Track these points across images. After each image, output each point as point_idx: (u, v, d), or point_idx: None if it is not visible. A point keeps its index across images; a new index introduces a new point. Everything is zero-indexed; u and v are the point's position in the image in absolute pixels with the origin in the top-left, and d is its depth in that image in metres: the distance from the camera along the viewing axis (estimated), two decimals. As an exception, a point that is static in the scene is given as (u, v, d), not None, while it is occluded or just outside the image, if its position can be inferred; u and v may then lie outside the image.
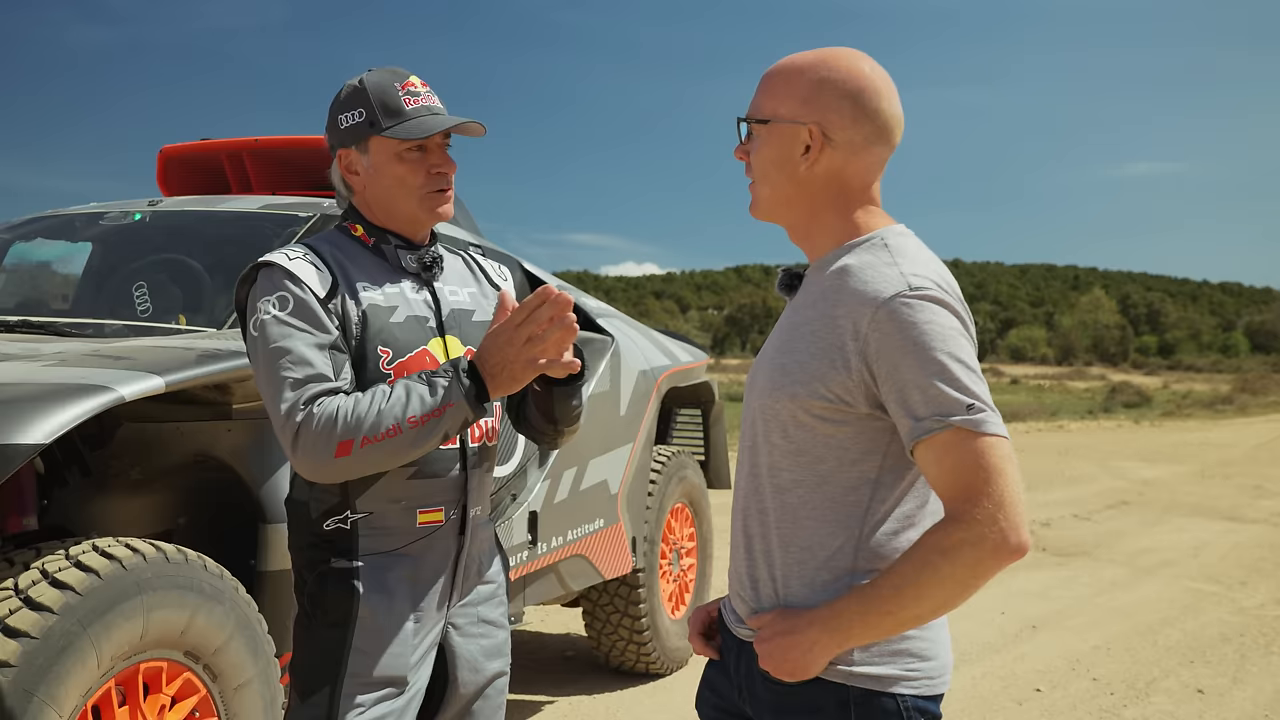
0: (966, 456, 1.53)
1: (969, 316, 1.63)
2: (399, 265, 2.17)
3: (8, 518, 2.86)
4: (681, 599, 5.67)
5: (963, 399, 1.53)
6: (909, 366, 1.55)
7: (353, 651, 2.06)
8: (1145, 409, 31.73)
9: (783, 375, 1.68)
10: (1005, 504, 1.52)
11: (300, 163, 4.71)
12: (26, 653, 2.37)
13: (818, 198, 1.72)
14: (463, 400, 1.95)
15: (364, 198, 2.18)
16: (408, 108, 2.11)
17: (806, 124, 1.68)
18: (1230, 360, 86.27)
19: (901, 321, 1.55)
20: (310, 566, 2.12)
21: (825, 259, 1.72)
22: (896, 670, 1.64)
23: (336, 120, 2.16)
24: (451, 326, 2.19)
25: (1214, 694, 5.28)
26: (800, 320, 1.69)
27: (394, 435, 1.92)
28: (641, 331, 5.50)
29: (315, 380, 1.95)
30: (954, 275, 1.70)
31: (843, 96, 1.67)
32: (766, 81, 1.75)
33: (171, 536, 3.21)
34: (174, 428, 3.17)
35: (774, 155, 1.72)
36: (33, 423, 2.42)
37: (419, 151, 2.12)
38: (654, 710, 4.93)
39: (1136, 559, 8.78)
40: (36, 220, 4.44)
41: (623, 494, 4.94)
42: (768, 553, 1.72)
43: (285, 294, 2.02)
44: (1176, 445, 20.16)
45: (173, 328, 3.53)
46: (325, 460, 1.92)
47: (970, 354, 1.58)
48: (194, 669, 2.78)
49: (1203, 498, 12.67)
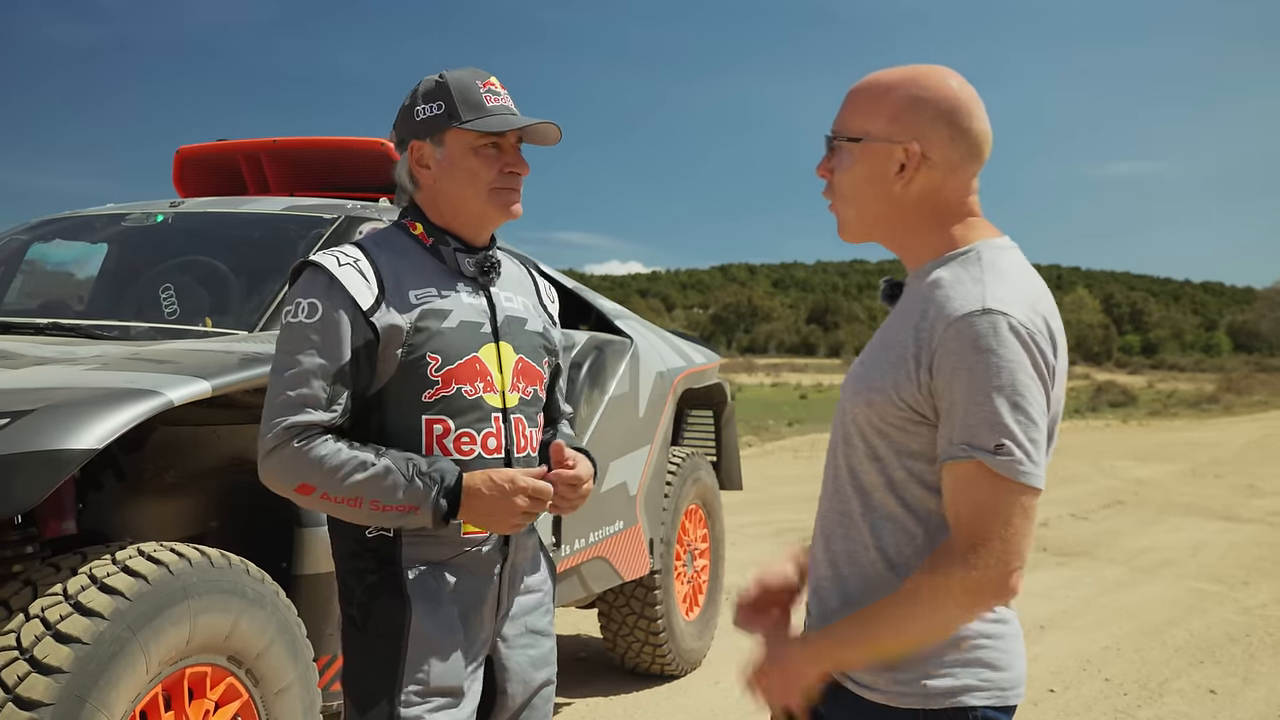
0: (984, 497, 1.54)
1: (1049, 346, 1.58)
2: (456, 269, 2.16)
3: (46, 522, 2.84)
4: (695, 600, 5.68)
5: (994, 436, 1.52)
6: (960, 388, 1.55)
7: (408, 662, 2.05)
8: (1132, 408, 31.86)
9: (864, 382, 1.68)
10: (1009, 554, 1.53)
11: (318, 164, 4.70)
12: (79, 658, 2.36)
13: (911, 216, 1.70)
14: (429, 513, 2.01)
15: (431, 193, 2.16)
16: (488, 104, 2.12)
17: (902, 143, 1.66)
18: (1213, 359, 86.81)
19: (966, 341, 1.54)
20: (356, 576, 2.11)
21: (922, 269, 1.70)
22: (968, 680, 1.63)
23: (412, 112, 2.14)
24: (506, 333, 2.19)
25: (1226, 694, 5.31)
26: (889, 329, 1.69)
27: (351, 505, 2.00)
28: (657, 333, 5.50)
29: (307, 406, 1.99)
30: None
31: (937, 115, 1.66)
32: (854, 98, 1.72)
33: (204, 540, 3.19)
34: (210, 431, 3.16)
35: (865, 174, 1.69)
36: (85, 428, 2.41)
37: (494, 149, 2.12)
38: (671, 712, 4.94)
39: (1136, 559, 8.82)
40: (54, 221, 4.41)
41: (641, 496, 4.94)
42: (840, 554, 1.73)
43: (317, 302, 2.03)
44: (1166, 445, 20.25)
45: (200, 330, 3.51)
46: (284, 487, 2.03)
47: (1028, 389, 1.53)
48: (237, 674, 2.77)
49: (1196, 497, 12.73)
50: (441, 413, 2.08)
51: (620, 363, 4.78)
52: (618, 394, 4.72)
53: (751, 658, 1.75)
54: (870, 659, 1.63)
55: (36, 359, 2.90)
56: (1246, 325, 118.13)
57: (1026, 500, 1.54)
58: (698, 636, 5.57)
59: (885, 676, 1.65)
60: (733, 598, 6.66)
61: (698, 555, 5.71)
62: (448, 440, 2.08)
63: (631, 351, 4.92)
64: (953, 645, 1.63)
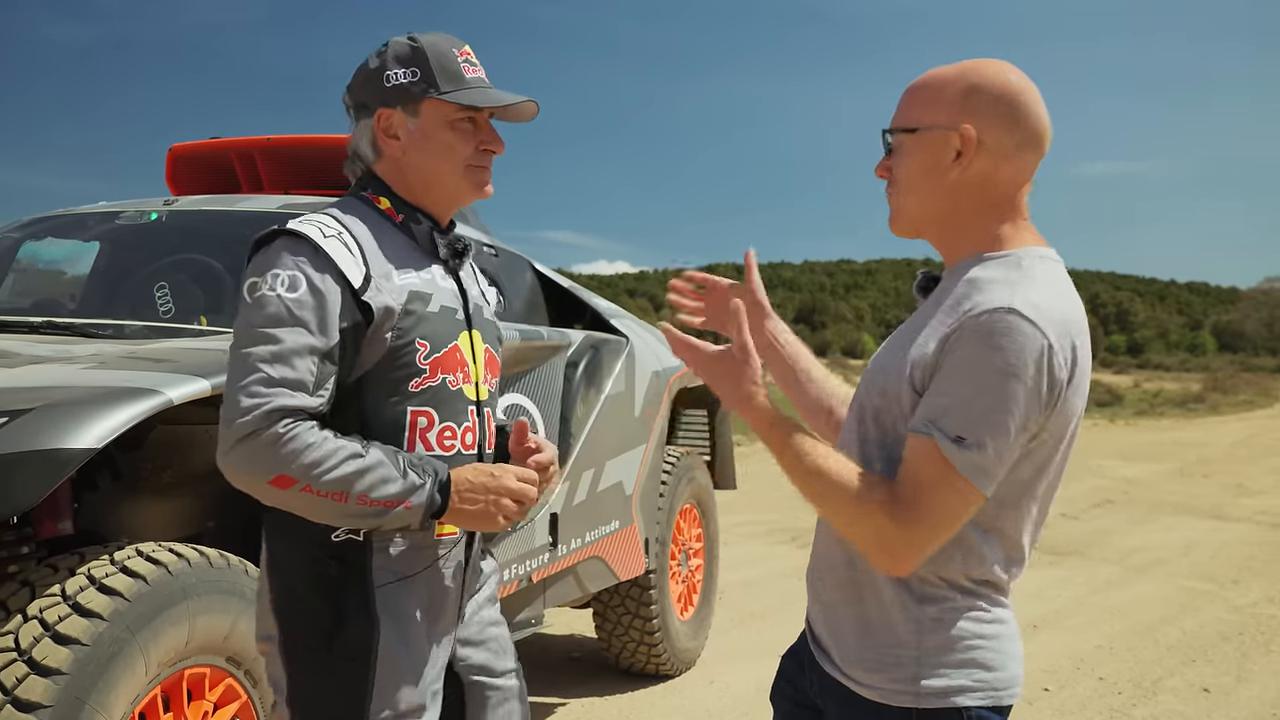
0: (932, 476, 1.55)
1: (1065, 368, 1.56)
2: (430, 249, 2.02)
3: (42, 522, 2.81)
4: (690, 600, 5.66)
5: (960, 429, 1.53)
6: (955, 371, 1.55)
7: (376, 688, 1.91)
8: (1118, 408, 31.94)
9: (882, 372, 1.69)
10: (923, 536, 1.56)
11: (313, 162, 4.67)
12: (78, 660, 2.34)
13: (963, 204, 1.69)
14: (420, 509, 1.86)
15: (397, 165, 2.00)
16: (467, 75, 1.99)
17: (957, 129, 1.66)
18: (1198, 359, 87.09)
19: (982, 333, 1.54)
20: (317, 589, 1.91)
21: (960, 266, 1.69)
22: (962, 681, 1.64)
23: (382, 76, 1.97)
24: (475, 320, 2.07)
25: (1220, 693, 5.32)
26: (919, 322, 1.69)
27: (336, 500, 1.80)
28: (651, 332, 5.49)
29: (290, 388, 1.78)
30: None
31: (993, 100, 1.66)
32: (912, 94, 1.73)
33: (200, 540, 3.17)
34: (205, 430, 3.13)
35: (923, 163, 1.69)
36: (84, 427, 2.38)
37: (470, 124, 2.00)
38: (667, 712, 4.92)
39: (1128, 558, 8.84)
40: (46, 219, 4.38)
41: (637, 495, 4.93)
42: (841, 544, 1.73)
43: (299, 275, 1.83)
44: (1153, 444, 20.31)
45: (195, 329, 3.49)
46: (256, 480, 1.79)
47: (1015, 400, 1.52)
48: (235, 675, 2.75)
49: (1186, 496, 12.77)
50: (426, 404, 1.94)
51: (616, 362, 4.77)
52: (614, 393, 4.71)
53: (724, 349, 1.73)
54: (786, 467, 1.65)
55: (32, 357, 2.87)
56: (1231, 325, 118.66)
57: (967, 498, 1.55)
58: (692, 636, 5.56)
59: (880, 676, 1.66)
60: (726, 599, 6.67)
61: (692, 555, 5.70)
62: (430, 434, 1.95)
63: (627, 351, 4.91)
64: (948, 646, 1.64)
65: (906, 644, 1.65)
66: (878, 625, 1.67)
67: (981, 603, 1.66)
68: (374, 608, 1.91)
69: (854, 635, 1.70)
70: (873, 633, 1.68)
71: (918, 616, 1.65)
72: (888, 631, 1.66)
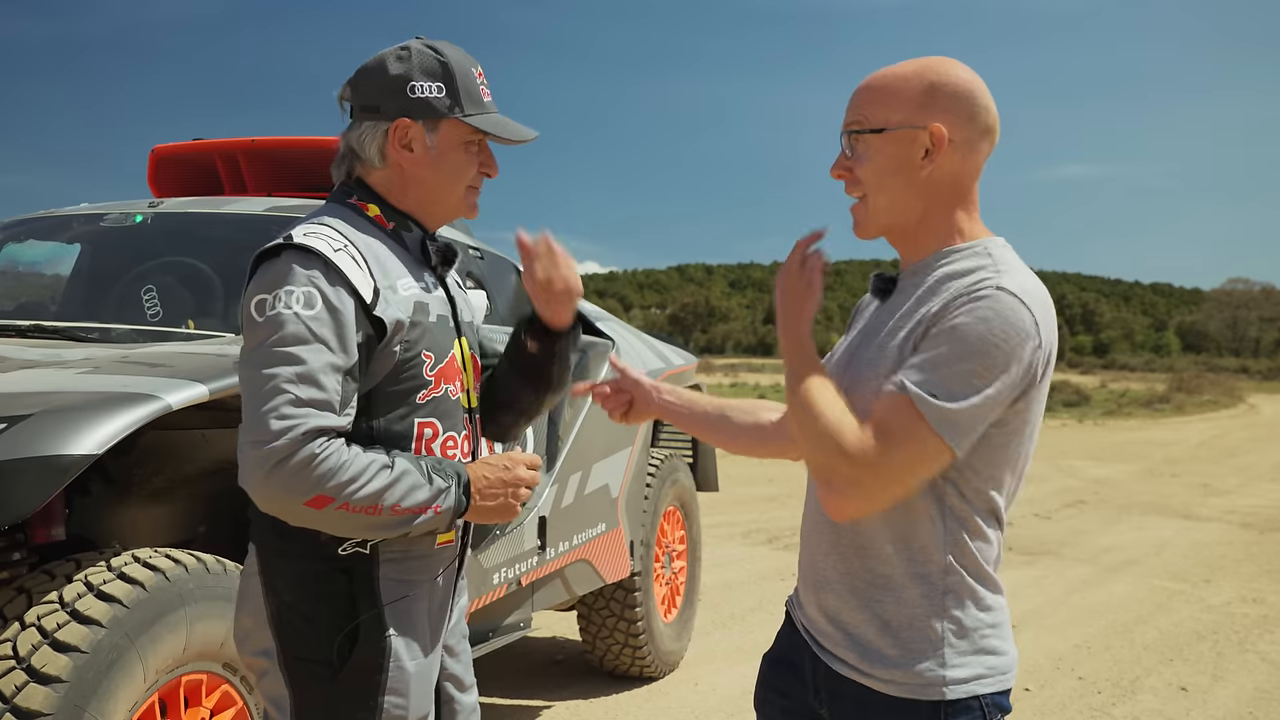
0: (899, 423, 1.56)
1: (1049, 344, 1.62)
2: (421, 257, 1.99)
3: (35, 528, 2.79)
4: (674, 602, 5.67)
5: (937, 387, 1.55)
6: (940, 336, 1.58)
7: (387, 699, 1.89)
8: (1087, 408, 32.23)
9: (871, 369, 1.70)
10: (877, 480, 1.56)
11: (297, 164, 4.64)
12: (77, 667, 2.32)
13: (932, 200, 1.72)
14: (449, 511, 1.86)
15: (402, 178, 1.96)
16: (484, 99, 1.99)
17: (926, 126, 1.68)
18: (1163, 359, 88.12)
19: (971, 306, 1.58)
20: (324, 604, 1.87)
21: (924, 263, 1.73)
22: (979, 670, 1.68)
23: (407, 86, 1.92)
24: (463, 328, 2.07)
25: (1197, 692, 5.39)
26: (896, 323, 1.70)
27: (369, 514, 1.78)
28: (636, 335, 5.50)
29: (319, 408, 1.74)
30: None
31: (953, 96, 1.69)
32: (869, 93, 1.74)
33: (192, 546, 3.15)
34: (198, 435, 3.11)
35: (891, 163, 1.71)
36: (84, 433, 2.37)
37: (476, 146, 2.00)
38: (653, 714, 4.93)
39: (1101, 557, 8.92)
40: (28, 221, 4.33)
41: (622, 498, 4.94)
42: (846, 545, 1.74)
43: (314, 292, 1.78)
44: (1121, 444, 20.51)
45: (182, 332, 3.46)
46: (292, 502, 1.74)
47: (1000, 368, 1.56)
48: (232, 681, 2.74)
49: (1155, 496, 12.92)
50: (431, 414, 1.93)
51: (603, 364, 4.77)
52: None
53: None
54: (789, 389, 1.67)
55: (23, 362, 2.85)
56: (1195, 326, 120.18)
57: (928, 450, 1.56)
58: (676, 638, 5.57)
59: (904, 671, 1.68)
60: (706, 600, 6.68)
61: (676, 557, 5.71)
62: (435, 444, 1.95)
63: (613, 353, 4.91)
64: (966, 636, 1.68)
65: (934, 639, 1.67)
66: (900, 622, 1.68)
67: (988, 590, 1.70)
68: (384, 619, 1.90)
69: (873, 634, 1.71)
70: (894, 629, 1.69)
71: (941, 610, 1.67)
72: (911, 627, 1.68)
